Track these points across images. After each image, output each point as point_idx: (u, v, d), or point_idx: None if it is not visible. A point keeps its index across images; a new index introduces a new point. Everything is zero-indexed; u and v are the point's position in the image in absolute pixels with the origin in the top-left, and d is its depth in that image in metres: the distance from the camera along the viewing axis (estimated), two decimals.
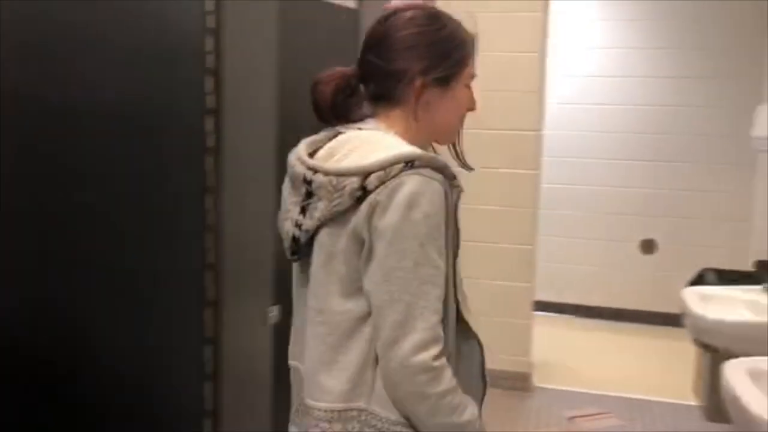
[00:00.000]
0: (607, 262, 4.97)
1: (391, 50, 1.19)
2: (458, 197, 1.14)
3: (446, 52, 1.21)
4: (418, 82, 1.18)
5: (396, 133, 1.19)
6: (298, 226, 1.17)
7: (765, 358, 2.01)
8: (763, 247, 3.78)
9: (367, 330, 1.12)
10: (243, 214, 1.62)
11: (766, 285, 2.83)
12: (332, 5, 2.07)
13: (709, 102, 4.78)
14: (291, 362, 1.27)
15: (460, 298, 1.17)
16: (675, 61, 4.84)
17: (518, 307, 3.72)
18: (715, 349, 2.79)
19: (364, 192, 1.09)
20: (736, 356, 2.06)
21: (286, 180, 1.22)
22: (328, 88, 1.21)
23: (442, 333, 1.09)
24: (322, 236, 1.15)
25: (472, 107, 1.27)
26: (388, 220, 1.08)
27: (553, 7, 3.85)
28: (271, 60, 1.67)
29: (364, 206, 1.09)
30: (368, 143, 1.15)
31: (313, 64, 2.05)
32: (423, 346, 1.07)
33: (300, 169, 1.16)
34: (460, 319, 1.17)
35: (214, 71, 1.50)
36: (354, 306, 1.13)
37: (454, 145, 1.27)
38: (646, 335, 4.63)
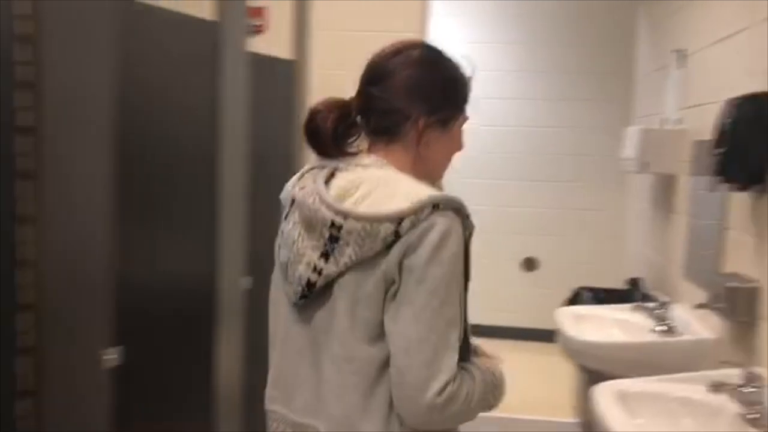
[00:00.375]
0: (490, 281, 5.00)
1: (398, 88, 1.21)
2: (470, 235, 1.20)
3: (449, 95, 1.27)
4: (421, 122, 1.22)
5: (401, 168, 1.21)
6: (317, 271, 1.16)
7: (633, 380, 2.01)
8: (635, 265, 3.89)
9: (389, 372, 1.14)
10: (71, 247, 1.43)
11: (635, 304, 2.88)
12: (186, 16, 1.92)
13: (582, 123, 4.94)
14: (272, 407, 1.27)
15: (469, 334, 1.22)
16: (549, 83, 4.98)
17: None
18: (588, 369, 2.81)
19: (396, 236, 1.12)
20: (608, 376, 2.05)
21: (294, 219, 1.21)
22: (329, 117, 1.21)
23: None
24: (347, 281, 1.15)
25: (460, 148, 1.32)
26: (419, 260, 1.11)
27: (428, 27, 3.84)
28: (105, 72, 1.50)
29: (396, 248, 1.12)
30: (386, 185, 1.17)
31: (164, 77, 1.93)
32: (446, 387, 1.11)
33: (327, 214, 1.15)
34: (467, 356, 1.21)
35: (31, 84, 1.32)
36: (377, 352, 1.14)
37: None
38: (529, 352, 4.67)
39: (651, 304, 2.77)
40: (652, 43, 3.85)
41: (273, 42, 2.79)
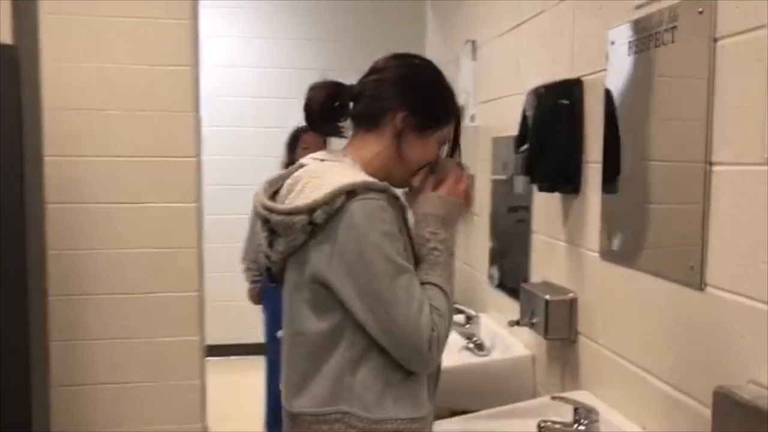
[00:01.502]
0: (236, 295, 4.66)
1: (388, 80, 1.33)
2: (404, 213, 1.27)
3: (432, 103, 1.35)
4: (399, 116, 1.31)
5: (362, 156, 1.32)
6: (268, 258, 1.32)
7: (442, 422, 1.71)
8: None
9: (342, 343, 1.25)
10: None
11: None
12: None
13: None
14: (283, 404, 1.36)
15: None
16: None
17: (186, 365, 3.16)
18: None
19: (314, 226, 1.22)
20: None
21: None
22: (321, 93, 1.34)
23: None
24: (290, 267, 1.31)
25: (431, 159, 1.37)
26: (350, 249, 1.20)
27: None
28: None
29: (320, 238, 1.23)
30: (317, 177, 1.26)
31: None
32: (431, 340, 1.22)
33: (261, 211, 1.30)
34: None
35: None
36: (327, 325, 1.25)
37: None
38: None
39: (456, 318, 2.52)
40: (443, 36, 3.66)
41: None
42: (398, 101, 1.32)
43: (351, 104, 1.36)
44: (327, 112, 1.34)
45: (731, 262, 1.26)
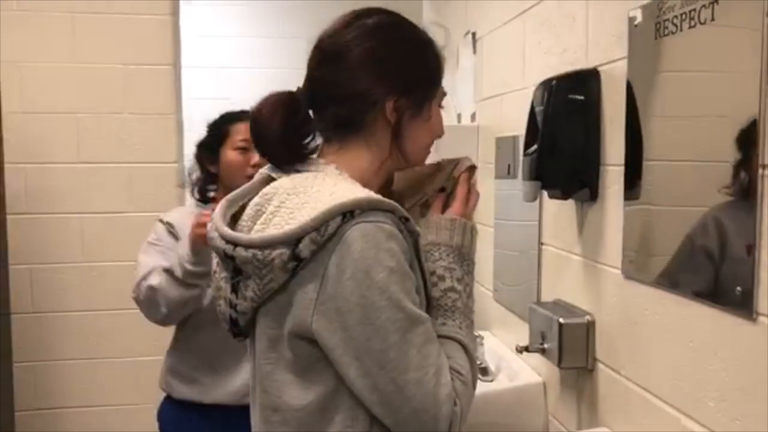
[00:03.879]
0: None
1: (356, 66, 1.01)
2: (416, 241, 0.97)
3: (420, 68, 1.05)
4: (390, 105, 1.02)
5: (353, 168, 1.02)
6: (233, 307, 1.00)
7: None
8: None
9: (337, 419, 0.95)
10: None
11: None
12: None
13: None
14: None
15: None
16: None
17: None
18: None
19: (298, 261, 0.91)
20: None
21: None
22: (274, 119, 1.01)
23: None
24: (262, 317, 0.99)
25: (441, 133, 1.12)
26: (349, 298, 0.89)
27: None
28: None
29: (305, 276, 0.91)
30: (297, 194, 0.96)
31: None
32: (452, 416, 0.92)
33: (219, 244, 0.97)
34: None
35: None
36: (316, 396, 0.95)
37: None
38: None
39: None
40: (440, 28, 3.42)
41: None
42: (378, 89, 1.01)
43: (311, 113, 1.05)
44: (291, 137, 1.02)
45: None
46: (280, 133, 1.02)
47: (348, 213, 0.91)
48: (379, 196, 0.95)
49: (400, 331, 0.90)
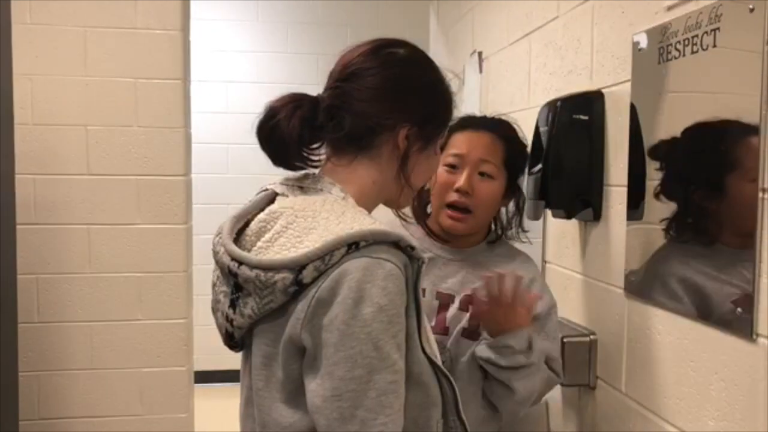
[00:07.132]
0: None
1: (380, 87, 1.02)
2: (419, 269, 0.96)
3: (438, 107, 1.08)
4: (403, 133, 1.03)
5: (357, 185, 1.03)
6: (230, 321, 1.01)
7: None
8: None
9: None
10: None
11: None
12: None
13: None
14: None
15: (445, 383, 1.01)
16: None
17: (173, 398, 2.95)
18: None
19: (300, 286, 0.92)
20: None
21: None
22: (294, 116, 1.00)
23: None
24: (260, 334, 0.99)
25: (434, 174, 1.24)
26: (333, 320, 0.90)
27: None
28: None
29: (302, 305, 0.92)
30: (304, 217, 0.96)
31: None
32: None
33: (224, 260, 0.99)
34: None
35: None
36: (301, 416, 0.95)
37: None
38: None
39: None
40: (447, 47, 3.46)
41: None
42: (396, 115, 1.02)
43: (322, 120, 1.03)
44: (306, 140, 1.01)
45: None
46: (298, 130, 1.01)
47: (353, 244, 0.91)
48: (384, 228, 0.94)
49: (368, 368, 0.90)
